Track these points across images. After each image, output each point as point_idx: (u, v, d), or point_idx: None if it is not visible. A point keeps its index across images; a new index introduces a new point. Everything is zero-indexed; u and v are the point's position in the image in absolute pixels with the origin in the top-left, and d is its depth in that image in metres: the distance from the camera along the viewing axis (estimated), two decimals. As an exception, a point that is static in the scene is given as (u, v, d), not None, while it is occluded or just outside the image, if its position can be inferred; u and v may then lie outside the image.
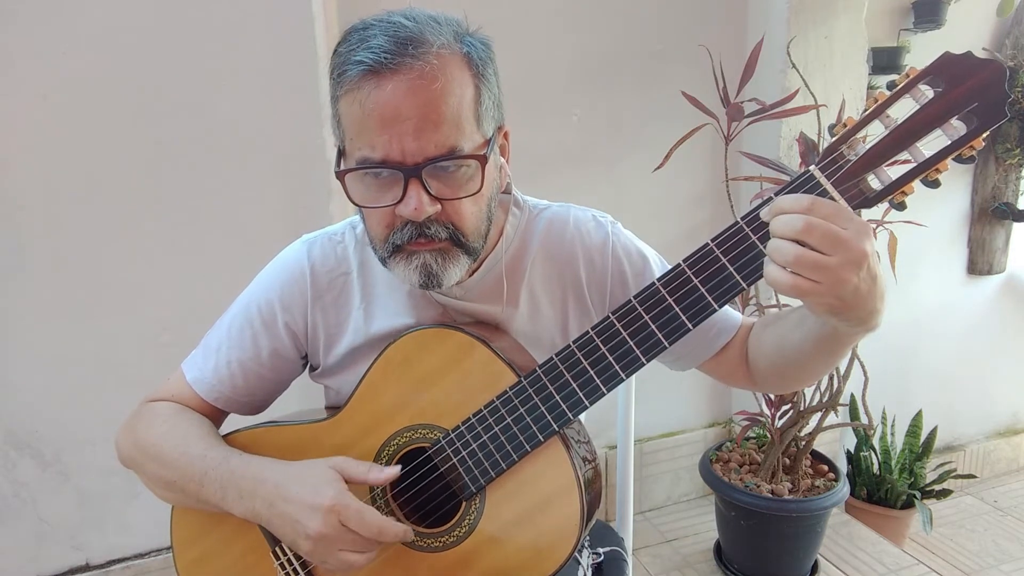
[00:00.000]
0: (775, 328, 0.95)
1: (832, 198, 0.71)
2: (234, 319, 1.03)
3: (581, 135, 2.24)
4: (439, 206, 0.83)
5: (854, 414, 2.47)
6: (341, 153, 0.87)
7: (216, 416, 1.04)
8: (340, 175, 0.85)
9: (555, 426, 0.84)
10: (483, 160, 0.83)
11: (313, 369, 1.07)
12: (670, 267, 0.79)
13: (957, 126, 0.68)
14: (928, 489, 2.56)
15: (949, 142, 0.69)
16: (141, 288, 1.86)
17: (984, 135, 0.68)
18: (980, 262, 2.85)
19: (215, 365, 1.02)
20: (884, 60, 2.37)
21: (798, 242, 0.68)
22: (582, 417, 0.91)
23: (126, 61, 1.73)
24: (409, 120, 0.78)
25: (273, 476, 0.88)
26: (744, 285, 0.75)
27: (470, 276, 0.97)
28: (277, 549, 0.96)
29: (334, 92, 0.83)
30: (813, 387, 2.10)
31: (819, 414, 2.10)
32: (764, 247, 0.73)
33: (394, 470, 0.88)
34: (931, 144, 0.70)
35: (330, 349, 1.03)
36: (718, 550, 2.31)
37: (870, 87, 2.35)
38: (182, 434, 0.96)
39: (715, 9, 2.30)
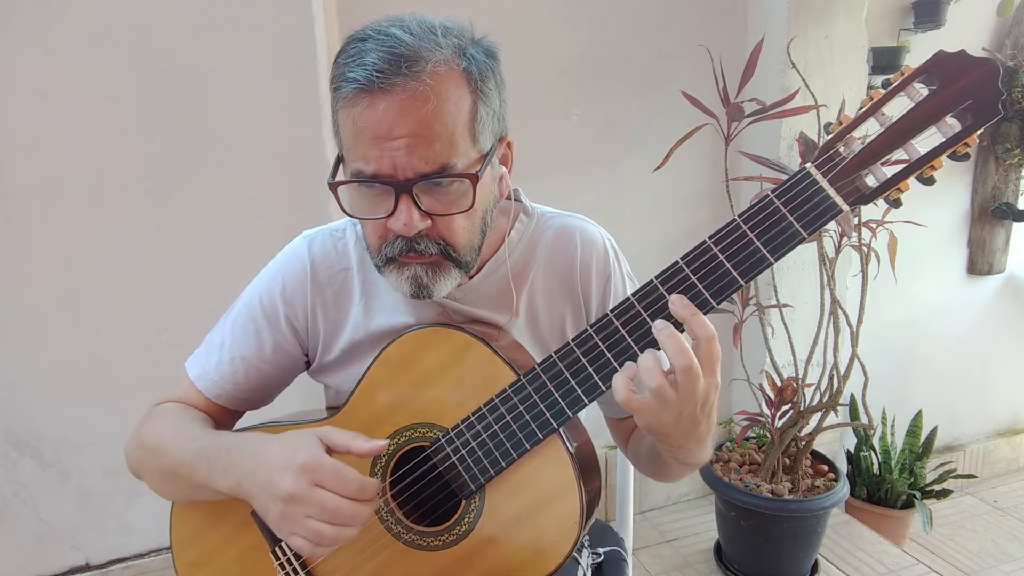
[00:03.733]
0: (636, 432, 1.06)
1: (828, 195, 0.72)
2: (238, 315, 1.03)
3: (581, 135, 2.24)
4: (429, 221, 0.83)
5: (854, 414, 2.47)
6: (340, 160, 0.88)
7: (220, 416, 1.04)
8: (332, 187, 0.85)
9: (554, 424, 0.84)
10: (474, 179, 0.83)
11: (311, 366, 1.07)
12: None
13: (952, 123, 0.69)
14: (928, 489, 2.56)
15: (944, 139, 0.69)
16: (141, 288, 1.86)
17: (978, 132, 0.68)
18: (980, 262, 2.85)
19: (218, 361, 1.02)
20: (884, 60, 2.37)
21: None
22: (582, 415, 0.91)
23: (126, 61, 1.73)
24: (400, 139, 0.78)
25: (255, 446, 0.86)
26: (742, 282, 0.75)
27: (470, 279, 0.98)
28: (277, 549, 0.96)
29: (333, 103, 0.84)
30: (813, 387, 2.10)
31: (819, 414, 2.10)
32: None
33: (381, 443, 0.84)
34: (926, 141, 0.70)
35: (330, 345, 1.03)
36: (718, 550, 2.31)
37: (870, 87, 2.36)
38: (181, 426, 0.97)
39: (715, 9, 2.30)
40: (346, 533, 0.79)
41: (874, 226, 1.96)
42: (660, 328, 0.75)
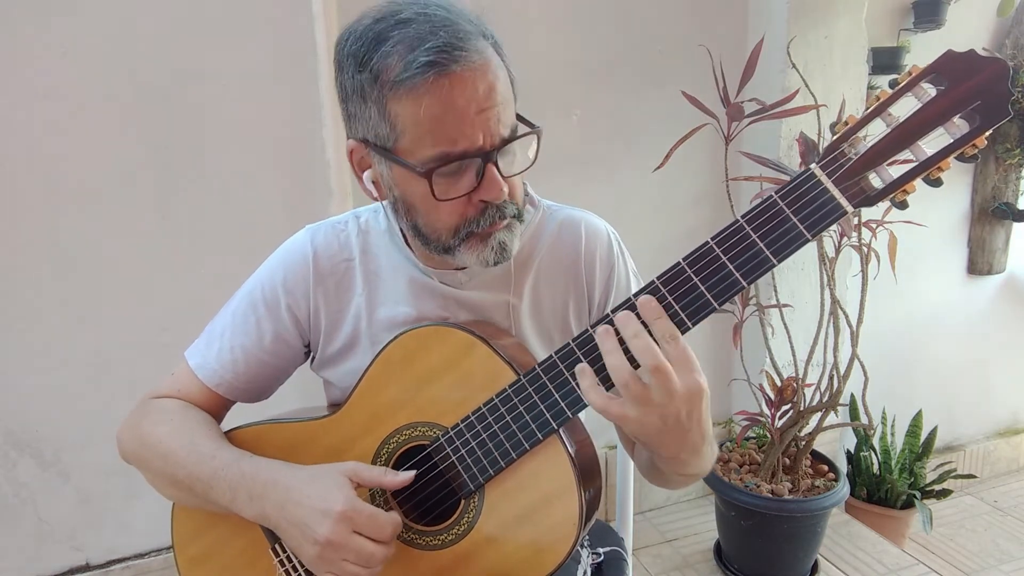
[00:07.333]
0: None
1: (833, 196, 0.71)
2: (238, 305, 1.03)
3: (581, 135, 2.24)
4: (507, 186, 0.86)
5: (854, 414, 2.47)
6: (386, 151, 0.84)
7: (219, 405, 1.04)
8: (428, 175, 0.82)
9: (554, 424, 0.83)
10: (540, 132, 0.87)
11: (313, 358, 1.07)
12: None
13: (959, 124, 0.68)
14: (928, 489, 2.56)
15: (951, 140, 0.68)
16: (141, 288, 1.86)
17: (987, 133, 0.67)
18: (980, 262, 2.85)
19: (218, 351, 1.02)
20: (884, 60, 2.37)
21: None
22: (582, 416, 0.91)
23: (126, 61, 1.73)
24: (488, 109, 0.81)
25: (285, 480, 0.87)
26: (744, 284, 0.75)
27: None
28: (276, 546, 0.96)
29: (381, 92, 0.80)
30: (813, 387, 2.10)
31: (819, 414, 2.09)
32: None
33: (409, 474, 0.88)
34: (933, 142, 0.69)
35: (331, 335, 1.03)
36: (718, 550, 2.31)
37: (870, 87, 2.35)
38: (190, 432, 0.96)
39: (715, 9, 2.30)
40: (376, 572, 0.85)
41: (874, 226, 1.95)
42: (624, 324, 0.75)
